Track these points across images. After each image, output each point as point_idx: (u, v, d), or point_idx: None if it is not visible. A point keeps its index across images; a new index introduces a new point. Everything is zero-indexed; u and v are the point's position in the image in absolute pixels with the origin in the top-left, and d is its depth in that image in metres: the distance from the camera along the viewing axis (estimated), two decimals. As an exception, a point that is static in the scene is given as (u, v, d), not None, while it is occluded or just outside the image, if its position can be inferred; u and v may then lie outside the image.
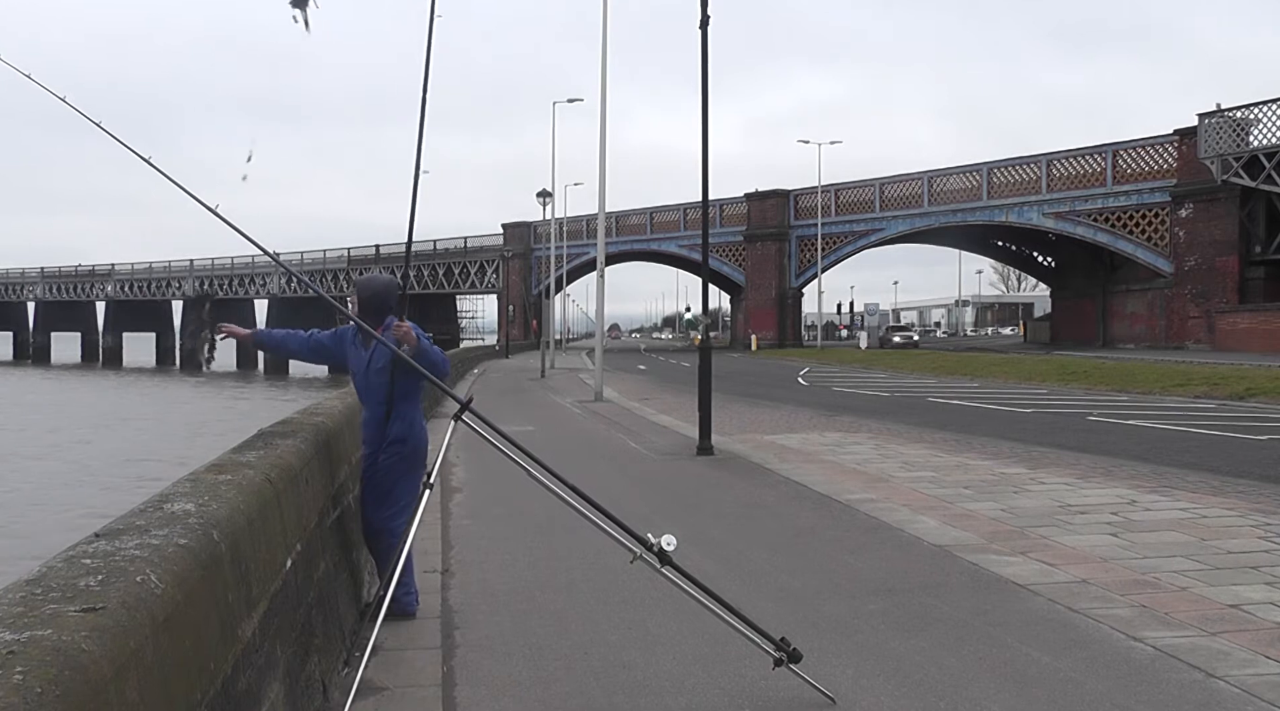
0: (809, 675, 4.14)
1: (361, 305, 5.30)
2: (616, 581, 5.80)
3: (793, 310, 65.84)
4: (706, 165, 13.36)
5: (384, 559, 5.21)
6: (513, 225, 79.62)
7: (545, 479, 4.29)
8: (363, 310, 5.26)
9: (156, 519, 2.71)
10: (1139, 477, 9.89)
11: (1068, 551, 6.65)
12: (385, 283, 5.45)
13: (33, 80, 3.95)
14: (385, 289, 5.38)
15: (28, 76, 3.93)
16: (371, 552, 5.55)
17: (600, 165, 24.24)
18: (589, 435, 15.63)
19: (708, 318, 15.55)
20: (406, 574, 5.18)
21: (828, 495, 9.17)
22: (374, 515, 5.33)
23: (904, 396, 23.28)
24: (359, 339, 5.36)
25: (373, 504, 5.33)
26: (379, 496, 5.30)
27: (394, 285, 5.43)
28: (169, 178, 4.11)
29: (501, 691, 4.29)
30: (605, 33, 22.84)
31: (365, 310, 5.26)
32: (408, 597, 5.24)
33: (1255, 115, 39.45)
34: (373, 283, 5.42)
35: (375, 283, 5.43)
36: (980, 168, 54.35)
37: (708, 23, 13.23)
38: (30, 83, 3.94)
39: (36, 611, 1.91)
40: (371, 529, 5.38)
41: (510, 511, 8.32)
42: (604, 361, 25.53)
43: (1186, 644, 4.71)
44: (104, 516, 3.34)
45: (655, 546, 4.08)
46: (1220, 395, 20.38)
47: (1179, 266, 43.68)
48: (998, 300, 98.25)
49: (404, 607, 5.20)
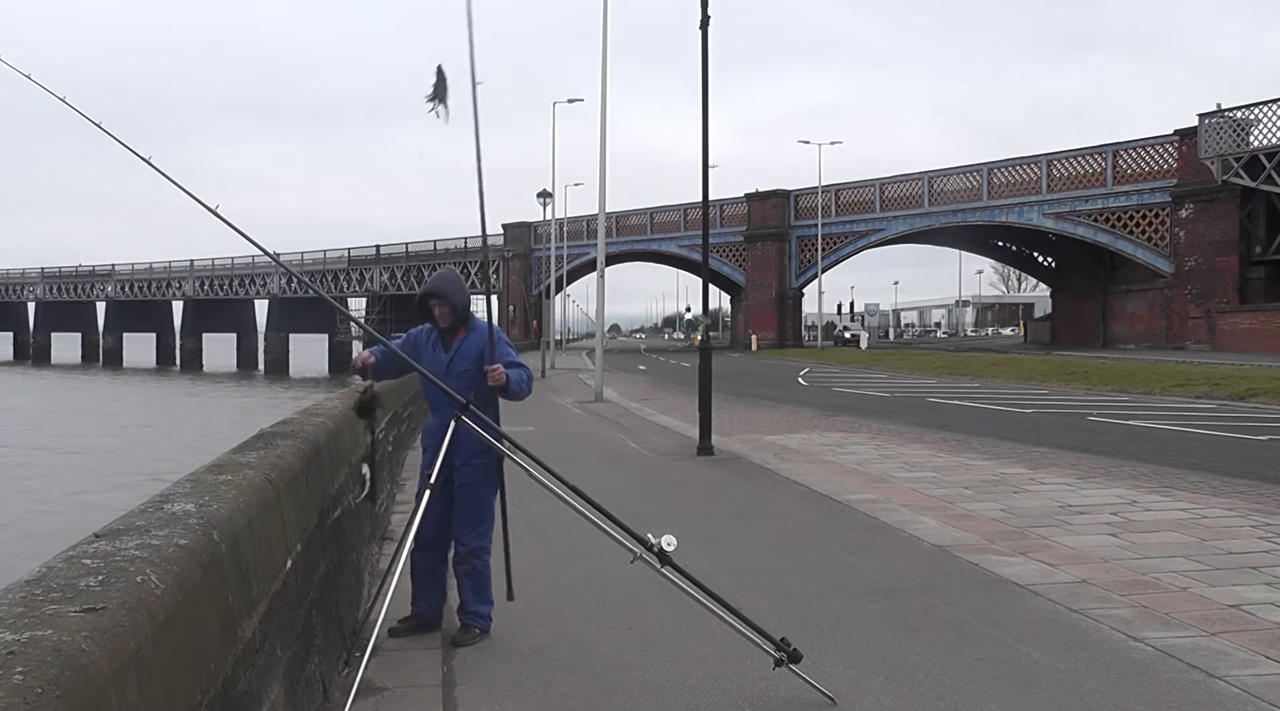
0: (809, 675, 4.14)
1: (455, 312, 5.06)
2: (616, 581, 5.80)
3: (793, 310, 65.80)
4: (707, 165, 13.37)
5: (475, 579, 5.02)
6: (513, 225, 79.59)
7: (545, 479, 4.29)
8: (456, 315, 5.06)
9: (157, 519, 2.71)
10: (1139, 478, 9.89)
11: (1068, 551, 6.65)
12: (457, 280, 5.25)
13: (32, 80, 3.96)
14: (461, 286, 5.17)
15: (27, 77, 3.93)
16: (456, 575, 5.10)
17: (600, 165, 24.24)
18: (589, 435, 15.63)
19: (708, 318, 15.56)
20: (487, 590, 5.05)
21: (828, 495, 9.17)
22: (465, 536, 5.03)
23: (904, 396, 23.27)
24: (438, 341, 5.11)
25: (463, 525, 5.03)
26: (469, 515, 5.04)
27: (460, 280, 5.29)
28: (169, 178, 4.11)
29: (501, 691, 4.29)
30: (605, 32, 22.85)
31: (458, 315, 5.06)
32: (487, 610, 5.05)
33: (1255, 115, 39.43)
34: (448, 283, 5.13)
35: (451, 283, 5.15)
36: (980, 168, 54.33)
37: (708, 23, 13.24)
38: (30, 83, 3.94)
39: (36, 611, 1.91)
40: (458, 553, 5.05)
41: (510, 511, 8.31)
42: (604, 362, 25.53)
43: (1187, 644, 4.71)
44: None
45: (655, 546, 4.08)
46: (1221, 395, 20.37)
47: (1179, 266, 43.66)
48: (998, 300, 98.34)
49: (490, 625, 5.03)
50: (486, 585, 5.07)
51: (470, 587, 5.06)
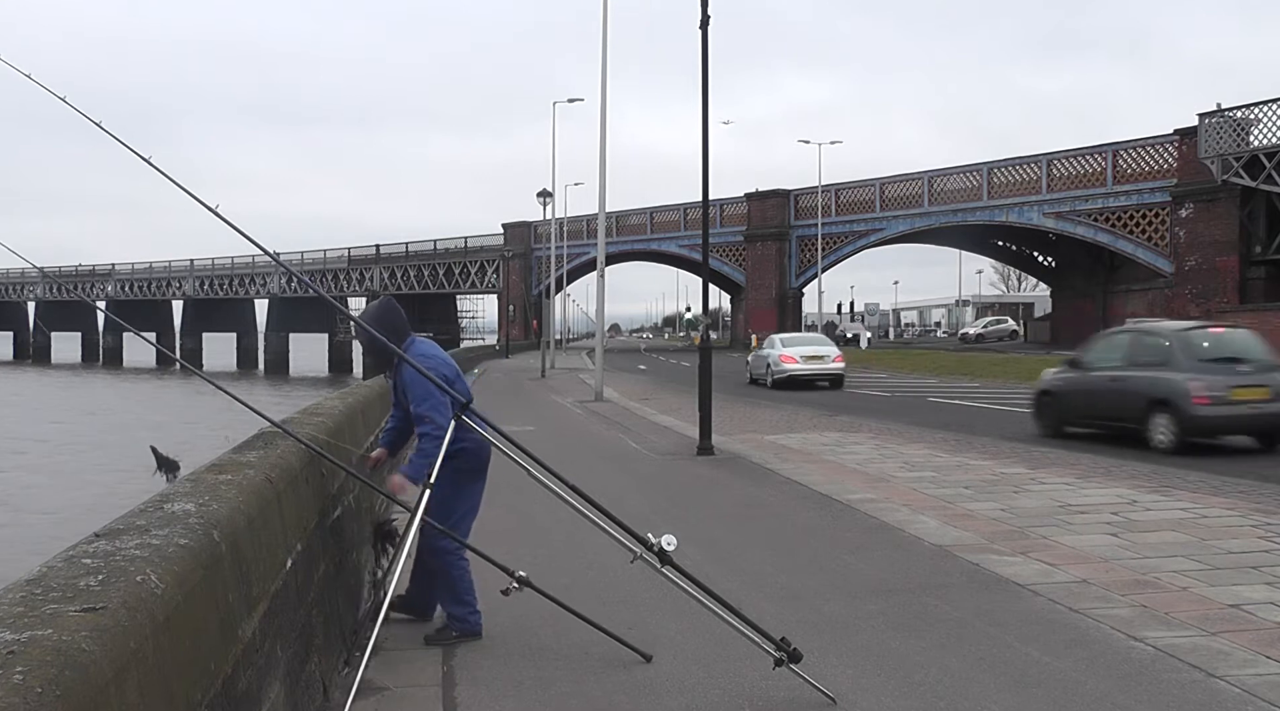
0: (809, 675, 4.14)
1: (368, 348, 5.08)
2: (616, 581, 5.80)
3: (793, 310, 65.75)
4: (707, 165, 13.37)
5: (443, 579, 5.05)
6: (513, 225, 79.57)
7: (545, 478, 4.29)
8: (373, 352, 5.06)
9: (157, 519, 2.70)
10: (1139, 477, 9.89)
11: (1068, 551, 6.65)
12: (378, 312, 5.09)
13: (33, 80, 3.95)
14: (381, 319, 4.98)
15: (28, 76, 3.93)
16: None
17: (600, 165, 24.25)
18: (589, 435, 15.63)
19: (708, 318, 15.56)
20: (469, 593, 5.02)
21: (828, 495, 9.17)
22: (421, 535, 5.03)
23: (904, 396, 23.27)
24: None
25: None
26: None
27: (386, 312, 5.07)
28: (169, 178, 4.11)
29: (501, 691, 4.29)
30: (605, 32, 22.86)
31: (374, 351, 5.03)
32: (474, 617, 5.04)
33: (1255, 115, 39.38)
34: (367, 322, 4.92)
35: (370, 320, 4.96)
36: (980, 168, 54.30)
37: (708, 23, 13.25)
38: (30, 83, 3.94)
39: (37, 611, 1.91)
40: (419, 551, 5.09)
41: (510, 511, 8.31)
42: (604, 361, 25.53)
43: (1187, 644, 4.71)
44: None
45: (655, 546, 4.08)
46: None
47: (1179, 266, 43.63)
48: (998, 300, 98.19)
49: (471, 628, 5.01)
50: (458, 587, 4.99)
51: (441, 586, 5.08)
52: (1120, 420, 13.21)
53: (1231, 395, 12.10)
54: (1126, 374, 13.19)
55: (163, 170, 4.06)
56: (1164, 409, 12.31)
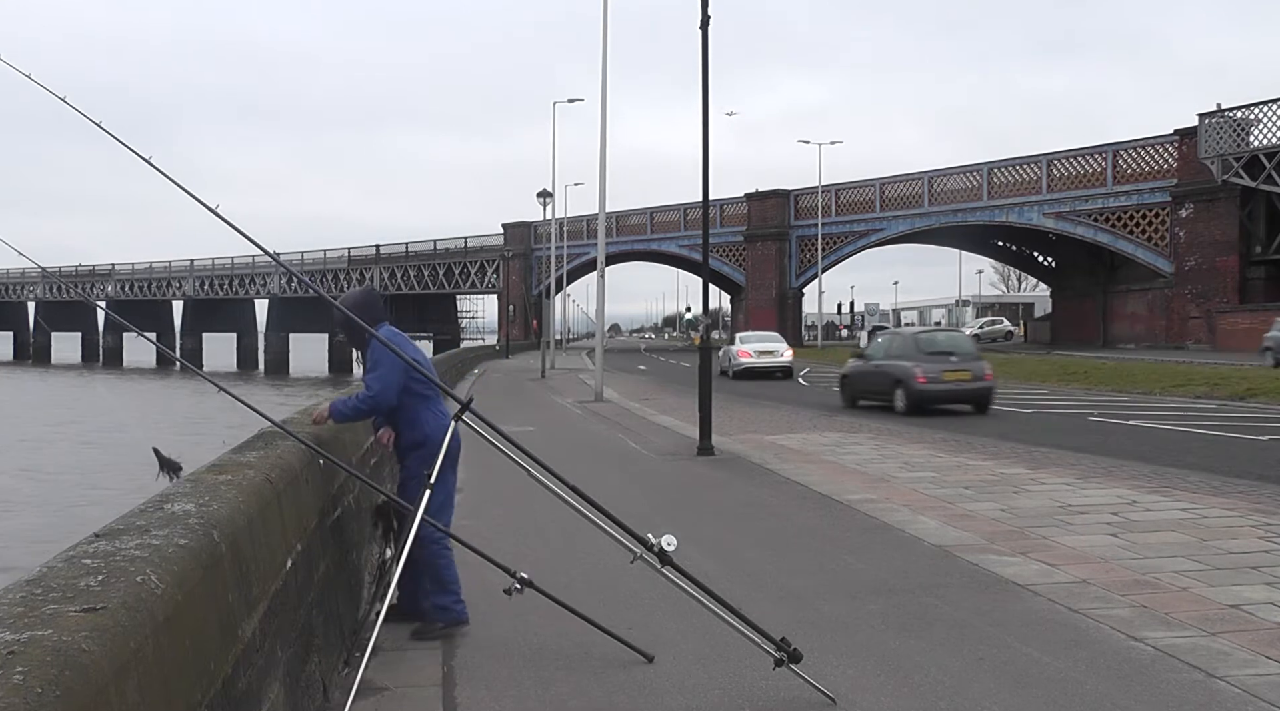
0: (809, 675, 4.14)
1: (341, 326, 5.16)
2: (617, 581, 5.80)
3: (793, 310, 65.75)
4: (707, 165, 13.37)
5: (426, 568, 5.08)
6: (513, 225, 79.57)
7: (545, 479, 4.29)
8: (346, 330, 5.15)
9: (157, 519, 2.71)
10: (1139, 477, 9.89)
11: (1068, 551, 6.65)
12: (359, 295, 5.37)
13: (33, 80, 3.95)
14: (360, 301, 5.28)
15: (27, 76, 3.93)
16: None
17: (600, 165, 24.25)
18: (589, 435, 15.63)
19: (708, 318, 15.55)
20: (455, 582, 5.13)
21: (828, 495, 9.17)
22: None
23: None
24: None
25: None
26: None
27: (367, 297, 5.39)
28: (169, 178, 4.11)
29: (501, 691, 4.29)
30: (605, 31, 22.86)
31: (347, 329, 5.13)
32: (459, 606, 5.14)
33: (1255, 115, 39.40)
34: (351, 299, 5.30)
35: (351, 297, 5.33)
36: (980, 168, 54.29)
37: (708, 23, 13.25)
38: (30, 83, 3.94)
39: (37, 611, 1.91)
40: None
41: (510, 511, 8.32)
42: (604, 361, 25.53)
43: (1187, 644, 4.71)
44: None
45: (655, 546, 4.08)
46: (1221, 395, 20.37)
47: (1179, 266, 43.63)
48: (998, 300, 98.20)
49: (459, 616, 5.12)
50: (444, 576, 5.10)
51: (429, 577, 5.12)
52: (881, 394, 19.05)
53: (943, 376, 18.03)
54: (884, 363, 19.26)
55: (163, 170, 4.06)
56: (900, 386, 18.26)
